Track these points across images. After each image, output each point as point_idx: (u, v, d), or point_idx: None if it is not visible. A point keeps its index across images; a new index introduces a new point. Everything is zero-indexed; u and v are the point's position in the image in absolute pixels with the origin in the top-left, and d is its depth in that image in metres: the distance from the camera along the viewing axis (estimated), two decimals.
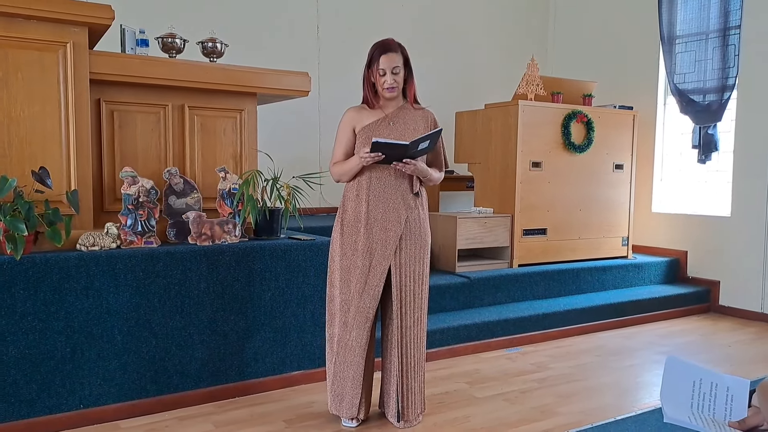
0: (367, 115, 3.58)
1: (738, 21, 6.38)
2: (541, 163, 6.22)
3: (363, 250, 3.48)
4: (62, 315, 3.46)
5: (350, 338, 3.51)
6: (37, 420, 3.43)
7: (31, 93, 3.48)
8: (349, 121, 3.61)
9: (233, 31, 5.70)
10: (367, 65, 3.52)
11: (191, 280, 3.83)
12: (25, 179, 3.39)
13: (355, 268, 3.49)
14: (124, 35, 4.18)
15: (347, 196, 3.59)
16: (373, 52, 3.48)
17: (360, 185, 3.52)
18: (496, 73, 8.27)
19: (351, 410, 3.56)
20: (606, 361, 4.96)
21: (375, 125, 3.53)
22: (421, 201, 3.60)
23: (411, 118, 3.57)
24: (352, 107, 3.65)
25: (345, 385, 3.56)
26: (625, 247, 6.93)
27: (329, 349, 3.65)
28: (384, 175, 3.50)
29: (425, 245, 3.59)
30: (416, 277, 3.54)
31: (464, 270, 5.85)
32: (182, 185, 4.03)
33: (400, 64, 3.46)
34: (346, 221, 3.55)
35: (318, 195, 6.47)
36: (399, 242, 3.48)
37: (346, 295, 3.52)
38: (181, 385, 3.84)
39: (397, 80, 3.47)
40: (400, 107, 3.59)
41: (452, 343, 5.00)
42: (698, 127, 6.72)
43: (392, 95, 3.51)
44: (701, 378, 1.67)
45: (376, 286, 3.47)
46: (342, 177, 3.59)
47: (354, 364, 3.52)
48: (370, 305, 3.48)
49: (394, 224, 3.47)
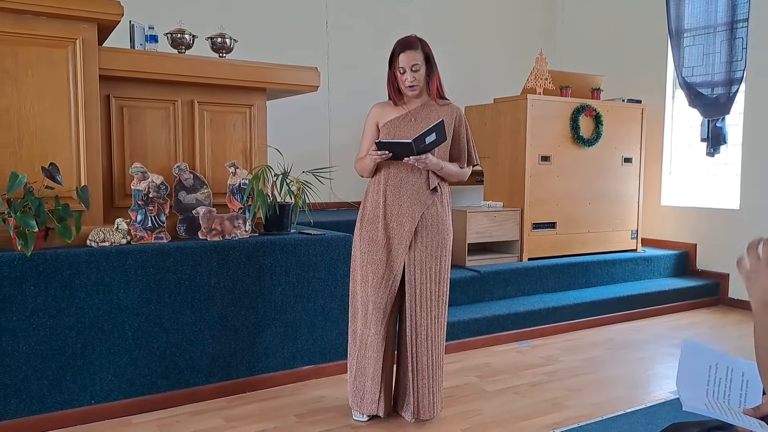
0: (390, 111, 3.57)
1: (746, 14, 6.35)
2: (550, 157, 6.21)
3: (381, 245, 3.47)
4: (73, 311, 3.46)
5: (369, 334, 3.50)
6: (48, 416, 3.44)
7: (41, 89, 3.49)
8: (374, 117, 3.60)
9: (242, 27, 5.70)
10: (390, 63, 3.49)
11: (201, 276, 3.83)
12: (36, 175, 3.41)
13: (372, 263, 3.48)
14: (134, 31, 4.18)
15: (368, 191, 3.59)
16: (394, 50, 3.46)
17: (378, 181, 3.52)
18: (505, 68, 8.24)
19: (371, 407, 3.54)
20: (616, 354, 4.95)
21: (397, 121, 3.52)
22: (440, 197, 3.54)
23: (435, 114, 3.53)
24: (378, 103, 3.64)
25: (366, 380, 3.54)
26: (635, 241, 6.91)
27: (352, 345, 3.62)
28: (401, 171, 3.48)
29: (444, 242, 3.54)
30: (432, 275, 3.49)
31: (474, 264, 5.85)
32: (192, 181, 4.04)
33: (419, 61, 3.42)
34: (365, 216, 3.55)
35: (328, 190, 6.46)
36: (414, 238, 3.46)
37: (365, 290, 3.51)
38: (191, 380, 3.85)
39: (417, 77, 3.43)
40: (424, 104, 3.56)
41: (462, 336, 5.00)
42: (707, 120, 6.70)
43: (414, 93, 3.49)
44: (717, 362, 1.66)
45: (392, 281, 3.46)
46: (363, 172, 3.59)
47: (373, 360, 3.50)
48: (387, 301, 3.46)
49: (408, 219, 3.45)
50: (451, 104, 3.62)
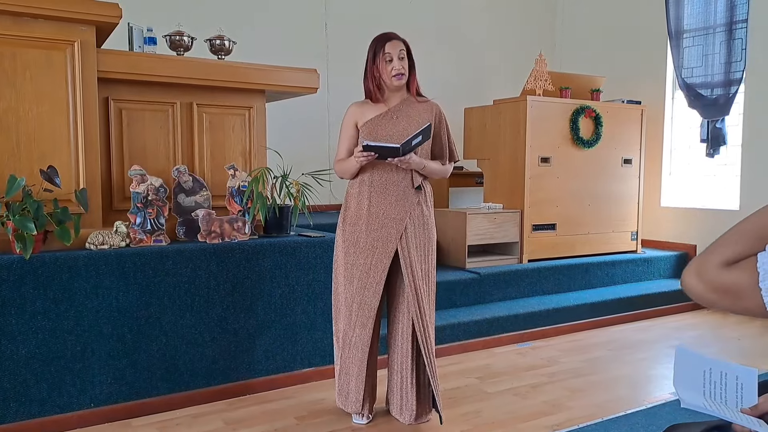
0: (370, 110, 3.54)
1: (745, 15, 6.36)
2: (549, 158, 6.21)
3: (365, 247, 3.46)
4: (72, 314, 3.46)
5: (354, 335, 3.50)
6: (48, 419, 3.43)
7: (39, 92, 3.48)
8: (352, 117, 3.57)
9: (241, 29, 5.69)
10: (372, 59, 3.47)
11: (201, 278, 3.82)
12: (34, 178, 3.39)
13: (357, 264, 3.47)
14: (132, 33, 4.17)
15: (350, 192, 3.57)
16: (377, 43, 3.46)
17: (362, 182, 3.50)
18: (505, 69, 8.25)
19: (356, 405, 3.55)
20: (616, 355, 4.94)
21: (377, 120, 3.50)
22: (424, 196, 3.54)
23: (415, 111, 3.53)
24: (355, 102, 3.61)
25: (350, 380, 3.55)
26: (635, 242, 6.91)
27: (336, 345, 3.64)
28: (385, 172, 3.46)
29: (431, 241, 3.55)
30: (423, 274, 3.50)
31: (474, 266, 5.84)
32: (191, 183, 4.03)
33: (404, 49, 3.45)
34: (348, 218, 3.53)
35: (327, 192, 6.43)
36: (404, 239, 3.45)
37: (350, 291, 3.50)
38: (191, 383, 3.84)
39: (404, 66, 3.44)
40: (404, 100, 3.55)
41: (463, 338, 4.99)
42: (706, 121, 6.70)
43: (400, 82, 3.46)
44: (711, 367, 1.67)
45: (378, 282, 3.45)
46: (344, 174, 3.56)
47: (357, 361, 3.51)
48: (373, 302, 3.46)
49: (395, 221, 3.44)
50: (429, 101, 3.62)
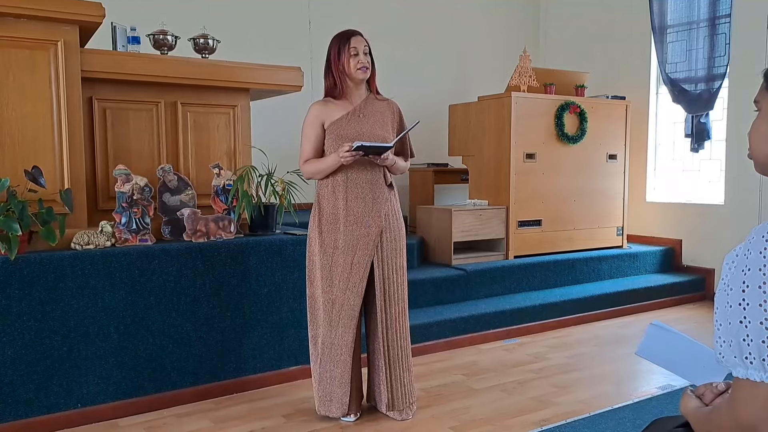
0: (334, 109, 3.54)
1: (728, 9, 6.38)
2: (534, 154, 6.23)
3: (344, 248, 3.46)
4: (58, 314, 3.45)
5: (335, 336, 3.49)
6: (35, 420, 3.42)
7: (23, 92, 3.47)
8: (317, 117, 3.56)
9: (225, 27, 5.66)
10: (336, 54, 3.48)
11: (187, 277, 3.82)
12: (18, 179, 3.38)
13: (336, 265, 3.48)
14: (115, 33, 4.17)
15: (322, 194, 3.55)
16: (341, 38, 3.49)
17: (336, 182, 3.50)
18: (489, 66, 8.25)
19: (341, 409, 3.54)
20: (603, 350, 4.97)
21: (345, 120, 3.51)
22: (394, 192, 3.64)
23: (379, 110, 3.58)
24: (317, 101, 3.60)
25: (333, 384, 3.53)
26: (620, 237, 6.94)
27: (313, 350, 3.61)
28: (360, 171, 3.48)
29: (402, 236, 3.61)
30: (397, 269, 3.55)
31: (460, 263, 5.86)
32: (176, 182, 4.02)
33: (368, 47, 3.50)
34: (323, 219, 3.53)
35: (312, 190, 6.42)
36: (380, 236, 3.49)
37: (329, 294, 3.49)
38: (178, 382, 3.83)
39: (369, 61, 3.49)
40: (367, 98, 3.58)
41: (449, 335, 5.00)
42: (691, 116, 6.73)
43: (365, 75, 3.49)
44: (681, 348, 1.69)
45: (359, 282, 3.47)
46: (316, 175, 3.56)
47: (341, 362, 3.50)
48: (355, 302, 3.47)
49: (374, 219, 3.48)
50: (389, 100, 3.67)
